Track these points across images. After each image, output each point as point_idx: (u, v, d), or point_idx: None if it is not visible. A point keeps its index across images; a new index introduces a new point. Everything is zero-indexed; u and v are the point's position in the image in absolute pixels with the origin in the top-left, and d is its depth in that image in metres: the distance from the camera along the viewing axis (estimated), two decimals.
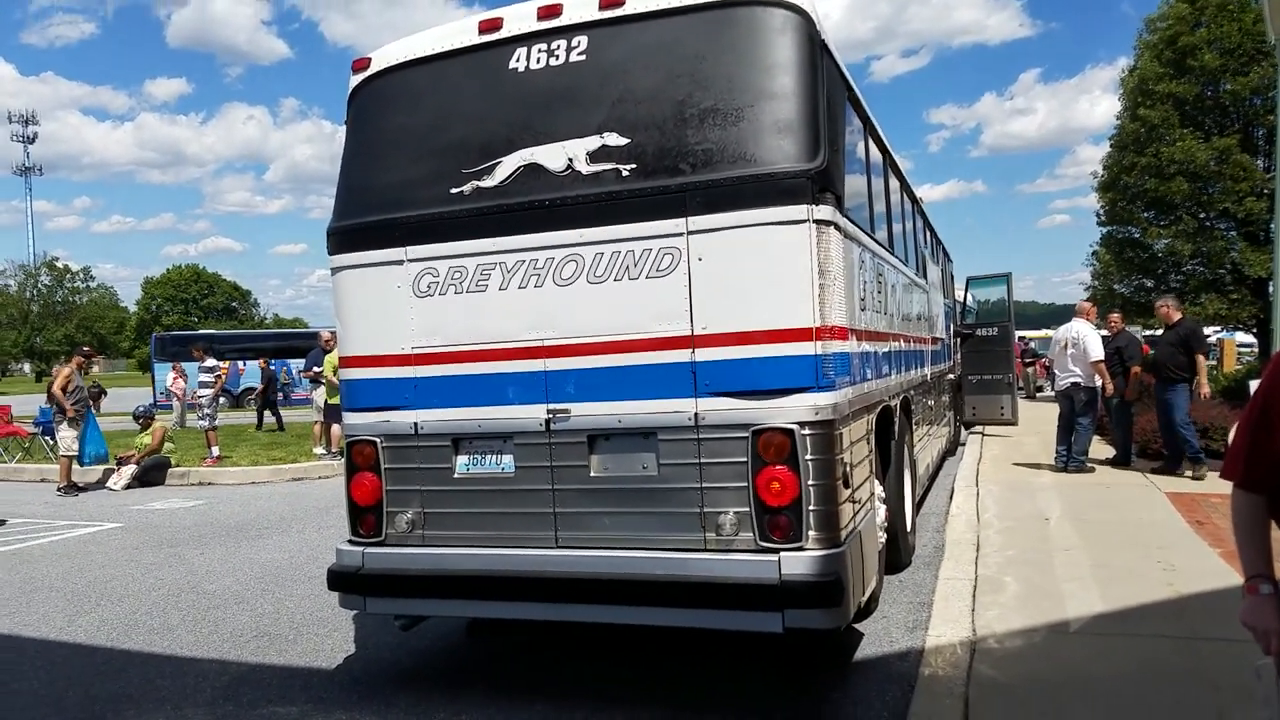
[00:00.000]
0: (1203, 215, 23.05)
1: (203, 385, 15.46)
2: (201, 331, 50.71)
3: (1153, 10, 24.29)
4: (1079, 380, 10.90)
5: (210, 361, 15.59)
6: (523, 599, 4.46)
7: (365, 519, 4.86)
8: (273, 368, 22.75)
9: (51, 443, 16.06)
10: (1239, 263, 21.89)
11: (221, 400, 17.97)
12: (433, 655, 5.49)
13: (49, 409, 16.29)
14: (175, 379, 24.12)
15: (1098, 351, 10.78)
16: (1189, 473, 10.03)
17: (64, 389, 12.89)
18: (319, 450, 14.81)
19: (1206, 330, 21.87)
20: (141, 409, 15.09)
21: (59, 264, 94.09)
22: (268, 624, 6.13)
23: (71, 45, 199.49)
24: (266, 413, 21.54)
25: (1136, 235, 24.83)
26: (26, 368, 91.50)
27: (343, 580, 4.84)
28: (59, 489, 12.82)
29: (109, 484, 13.21)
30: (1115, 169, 24.62)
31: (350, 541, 4.92)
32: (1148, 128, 22.64)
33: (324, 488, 12.53)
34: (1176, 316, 10.58)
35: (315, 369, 14.84)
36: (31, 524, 10.48)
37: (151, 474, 13.47)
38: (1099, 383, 10.82)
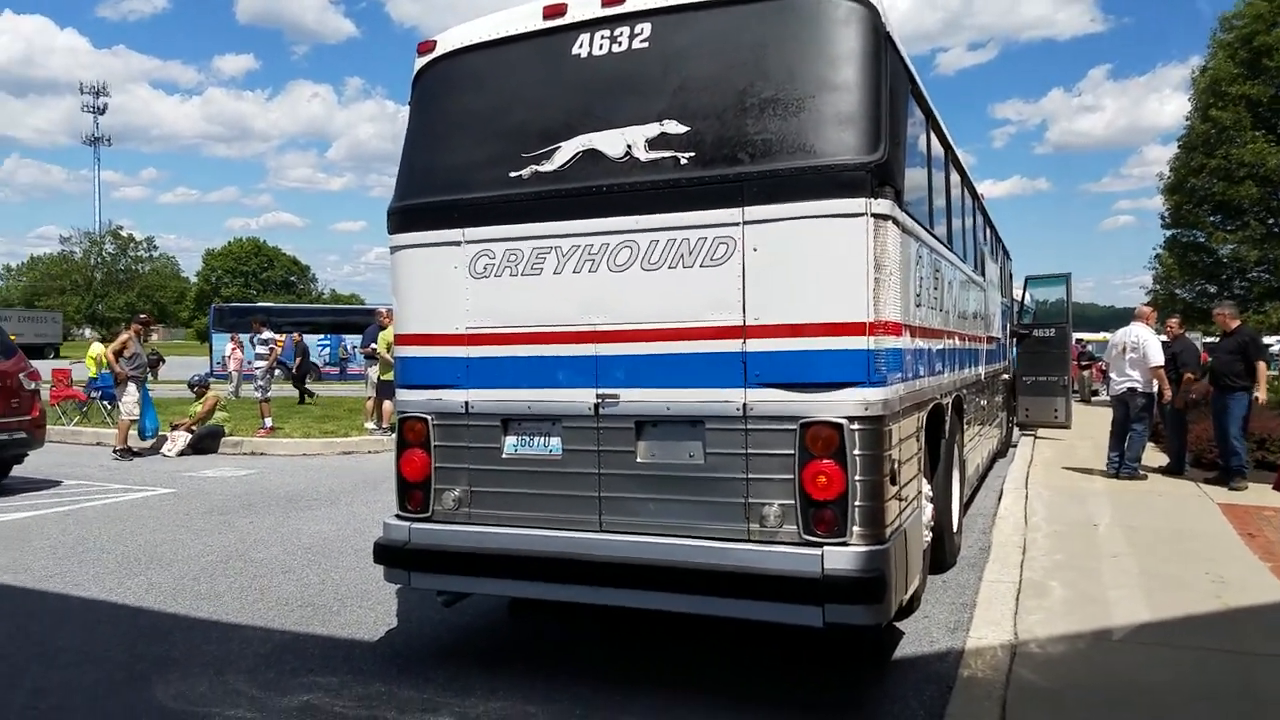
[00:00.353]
0: (1271, 221, 22.42)
1: (258, 357, 15.80)
2: (259, 304, 51.76)
3: (1229, 8, 23.63)
4: (1136, 385, 10.65)
5: (266, 334, 15.88)
6: (564, 581, 4.50)
7: (413, 495, 4.93)
8: (305, 342, 23.00)
9: (109, 407, 16.52)
10: None
11: (277, 373, 18.25)
12: (473, 632, 5.56)
13: (108, 374, 16.79)
14: (234, 350, 24.62)
15: (1158, 357, 10.51)
16: (1230, 484, 9.80)
17: (119, 354, 13.23)
18: (370, 425, 15.05)
19: (1269, 339, 21.26)
20: (197, 378, 15.45)
21: (124, 233, 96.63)
22: (313, 594, 6.25)
23: (144, 19, 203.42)
24: (316, 386, 21.92)
25: (1201, 239, 24.28)
26: (88, 333, 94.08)
27: (389, 554, 4.91)
28: (115, 451, 13.17)
29: (163, 450, 13.55)
30: (1183, 171, 24.04)
31: (398, 516, 4.99)
32: (1218, 129, 22.05)
33: (373, 462, 12.74)
34: (1234, 324, 10.30)
35: (373, 345, 15.05)
36: (86, 486, 10.80)
37: (205, 442, 13.79)
38: (1156, 389, 10.58)
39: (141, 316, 14.72)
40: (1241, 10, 22.46)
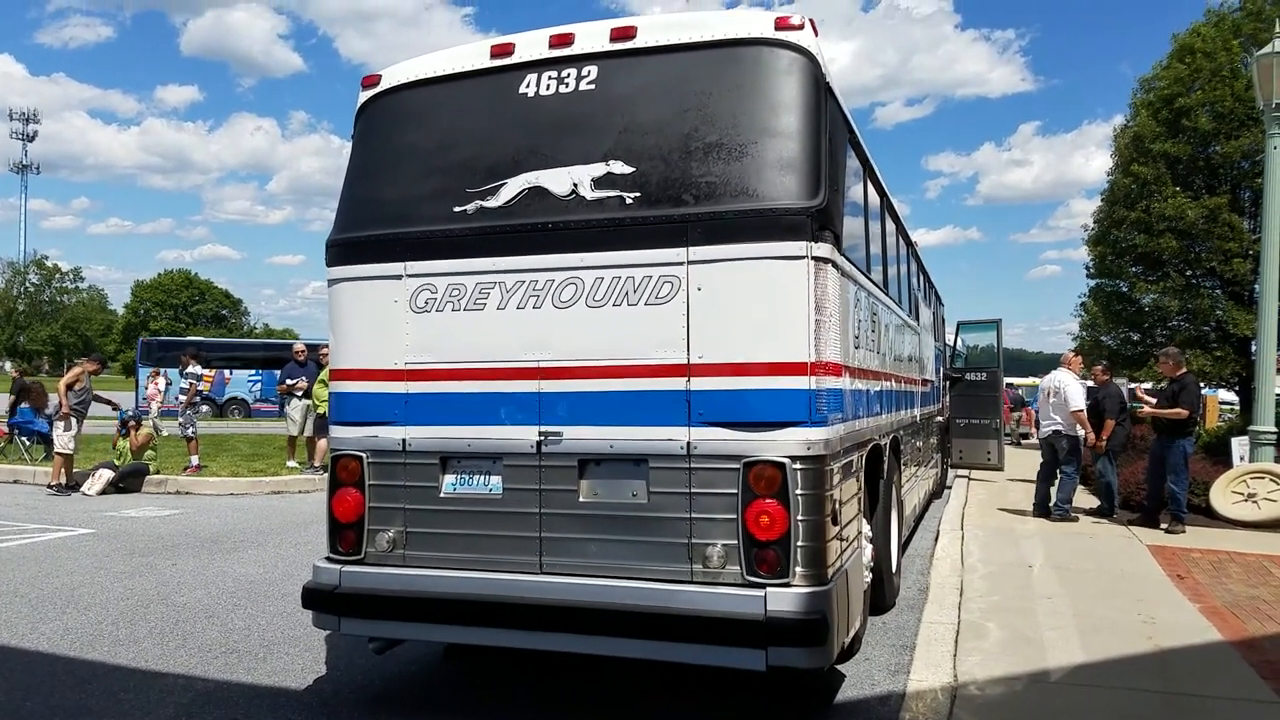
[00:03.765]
0: (1190, 273, 23.33)
1: (182, 392, 15.28)
2: (189, 338, 50.45)
3: (1146, 71, 24.78)
4: (1059, 428, 11.06)
5: (191, 369, 15.35)
6: (502, 626, 4.39)
7: (345, 536, 4.79)
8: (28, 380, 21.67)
9: (28, 443, 15.88)
10: (1224, 321, 22.12)
11: (204, 409, 17.71)
12: (405, 679, 5.39)
13: (27, 408, 16.15)
14: (151, 382, 23.70)
15: (1078, 401, 10.93)
16: (1164, 526, 10.08)
17: (70, 386, 12.92)
18: (292, 464, 14.72)
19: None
20: (131, 412, 14.98)
21: (48, 263, 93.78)
22: (237, 640, 6.01)
23: (86, 48, 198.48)
24: (245, 424, 21.25)
25: (1124, 289, 25.11)
26: (8, 366, 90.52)
27: (318, 598, 4.74)
28: (50, 487, 12.84)
29: (84, 488, 13.02)
30: (1106, 223, 24.94)
31: (328, 559, 4.83)
32: (1140, 183, 22.95)
33: (304, 502, 12.40)
34: (1179, 371, 10.55)
35: (290, 381, 14.76)
36: (1, 525, 10.30)
37: (128, 480, 13.30)
38: (1080, 432, 10.91)
39: (98, 356, 14.49)
40: (1161, 73, 23.58)
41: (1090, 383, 11.90)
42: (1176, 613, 6.51)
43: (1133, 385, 23.85)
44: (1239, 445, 11.95)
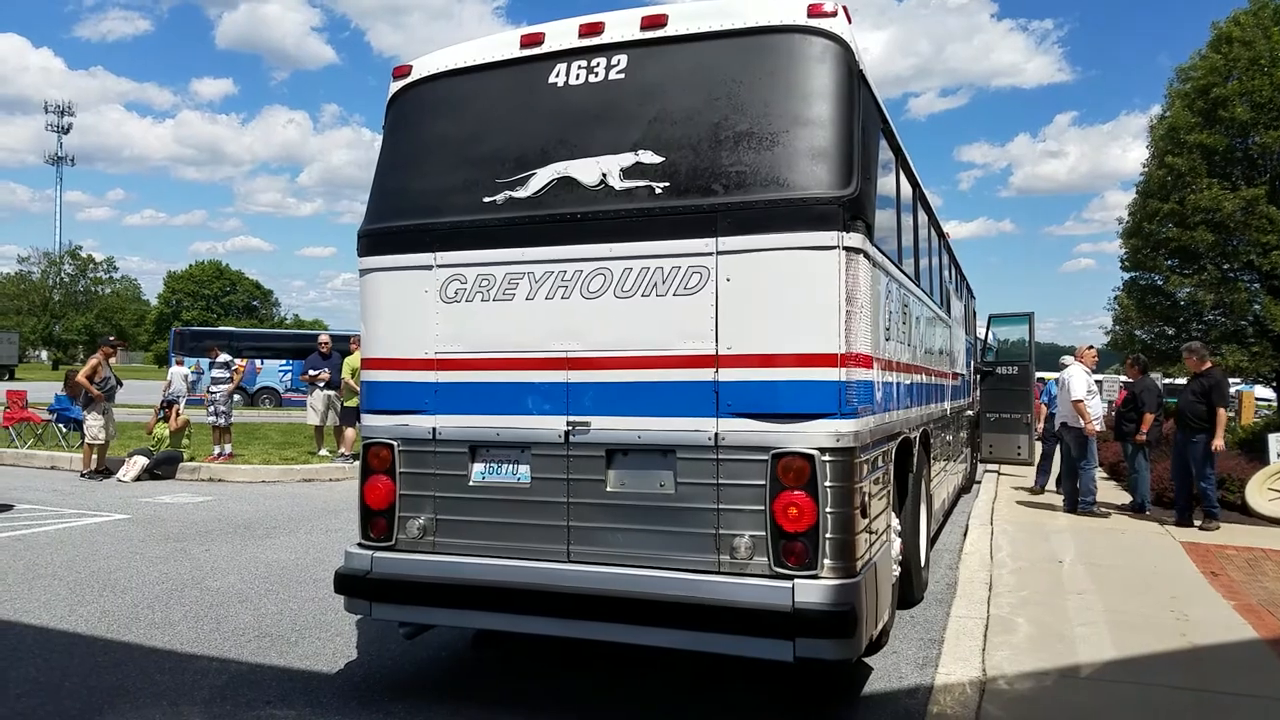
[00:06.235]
0: (1226, 266, 22.93)
1: (215, 381, 15.47)
2: (221, 328, 51.06)
3: (1185, 62, 24.34)
4: (1066, 420, 11.04)
5: (224, 357, 15.55)
6: (530, 613, 4.42)
7: (376, 522, 4.84)
8: None
9: (64, 430, 16.16)
10: (1261, 316, 21.74)
11: (236, 398, 17.92)
12: (434, 665, 5.44)
13: (64, 396, 16.43)
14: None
15: (1078, 390, 10.89)
16: (1198, 523, 9.93)
17: (90, 378, 13.15)
18: (323, 452, 14.90)
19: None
20: (169, 397, 15.19)
21: (83, 253, 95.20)
22: (270, 624, 6.10)
23: (124, 41, 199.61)
24: (276, 412, 21.45)
25: (1159, 282, 24.74)
26: (44, 355, 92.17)
27: (349, 584, 4.81)
28: (81, 474, 13.13)
29: (119, 475, 13.25)
30: (1140, 215, 24.57)
31: (360, 545, 4.89)
32: (1175, 175, 22.57)
33: (334, 490, 12.54)
34: (1203, 366, 10.37)
35: (313, 371, 14.92)
36: (39, 511, 10.51)
37: (162, 467, 13.50)
38: (1082, 423, 10.81)
39: (111, 340, 14.61)
40: (1197, 63, 23.17)
41: (1125, 377, 11.80)
42: (1210, 610, 6.42)
43: (1167, 380, 23.52)
44: (1276, 442, 11.76)
